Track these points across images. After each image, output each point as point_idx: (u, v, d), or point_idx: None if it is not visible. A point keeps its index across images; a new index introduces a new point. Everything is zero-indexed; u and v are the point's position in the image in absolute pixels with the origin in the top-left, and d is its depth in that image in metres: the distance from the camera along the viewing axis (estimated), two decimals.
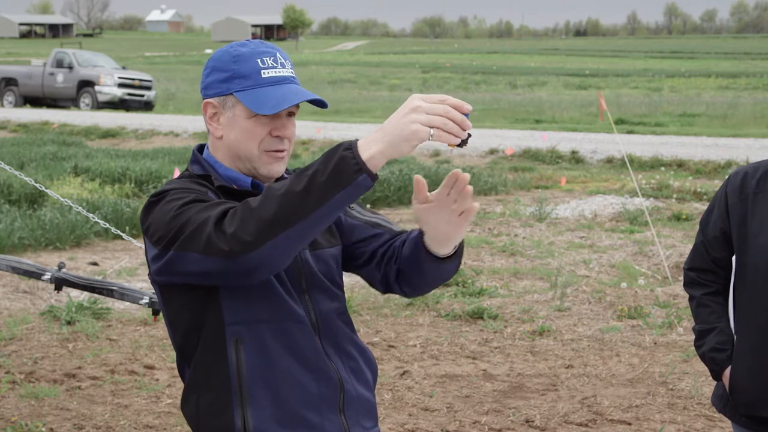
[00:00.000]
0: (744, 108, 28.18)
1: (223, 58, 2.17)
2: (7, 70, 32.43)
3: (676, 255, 8.96)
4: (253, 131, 2.14)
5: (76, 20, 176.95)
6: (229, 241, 1.87)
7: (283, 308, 2.11)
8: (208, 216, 1.92)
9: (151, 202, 2.07)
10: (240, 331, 2.08)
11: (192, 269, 1.95)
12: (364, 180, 1.83)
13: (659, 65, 67.93)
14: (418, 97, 1.86)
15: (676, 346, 6.55)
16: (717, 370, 3.06)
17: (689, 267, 3.18)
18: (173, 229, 1.97)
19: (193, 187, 2.10)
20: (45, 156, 15.46)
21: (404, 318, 7.26)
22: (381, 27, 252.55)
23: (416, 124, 1.83)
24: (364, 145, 1.85)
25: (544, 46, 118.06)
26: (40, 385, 5.74)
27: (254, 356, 2.09)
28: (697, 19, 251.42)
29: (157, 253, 2.01)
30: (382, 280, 2.31)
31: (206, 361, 2.11)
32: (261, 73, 2.13)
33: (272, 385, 2.10)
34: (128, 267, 8.74)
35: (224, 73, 2.15)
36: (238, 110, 2.14)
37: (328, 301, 2.21)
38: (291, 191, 1.85)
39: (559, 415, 5.31)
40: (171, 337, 2.20)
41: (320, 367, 2.14)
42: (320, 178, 1.84)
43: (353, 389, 2.20)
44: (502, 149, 17.18)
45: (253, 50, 2.16)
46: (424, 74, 57.16)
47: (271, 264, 1.92)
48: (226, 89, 2.14)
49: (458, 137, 1.85)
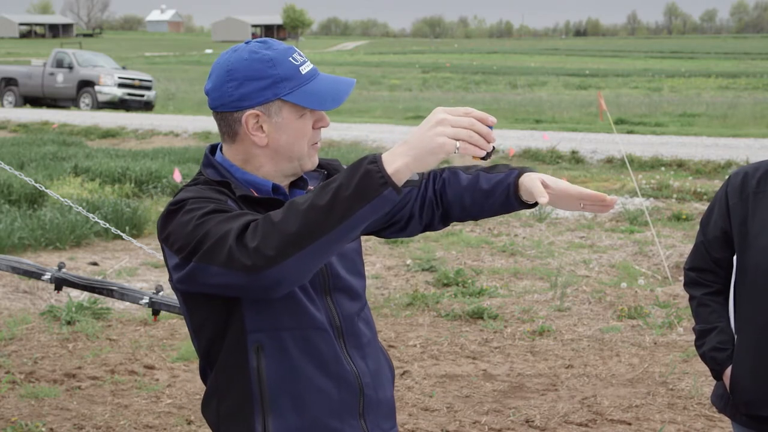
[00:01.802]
0: (744, 108, 28.17)
1: (255, 66, 2.08)
2: (7, 70, 32.40)
3: (676, 255, 8.96)
4: (304, 129, 2.13)
5: (76, 20, 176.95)
6: (252, 256, 1.84)
7: (304, 315, 2.09)
8: (229, 229, 1.89)
9: (170, 210, 2.03)
10: (261, 338, 2.07)
11: (214, 282, 1.92)
12: (389, 194, 1.80)
13: (659, 65, 67.93)
14: (443, 110, 1.85)
15: (676, 346, 6.55)
16: (718, 370, 3.06)
17: (689, 267, 3.18)
18: (193, 240, 1.93)
19: (213, 196, 2.05)
20: (45, 156, 15.46)
21: (404, 318, 7.26)
22: (381, 27, 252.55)
23: (442, 137, 1.81)
24: (389, 158, 1.82)
25: (544, 46, 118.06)
26: (40, 385, 5.74)
27: (275, 363, 2.08)
28: (697, 19, 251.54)
29: (178, 262, 1.98)
30: (423, 228, 2.40)
31: (228, 367, 2.11)
32: (300, 71, 2.11)
33: (293, 392, 2.09)
34: (128, 267, 8.74)
35: (264, 80, 2.08)
36: (286, 113, 2.10)
37: (351, 302, 2.21)
38: (315, 205, 1.82)
39: (559, 415, 5.31)
40: (194, 344, 2.19)
41: (341, 373, 2.13)
42: (345, 192, 1.80)
43: (373, 393, 2.20)
44: (502, 149, 17.18)
45: (279, 50, 2.12)
46: (424, 74, 57.16)
47: (294, 279, 1.89)
48: (273, 95, 2.09)
49: (483, 149, 1.86)
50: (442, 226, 2.42)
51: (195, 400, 5.52)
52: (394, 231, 2.41)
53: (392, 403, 2.30)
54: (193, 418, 5.27)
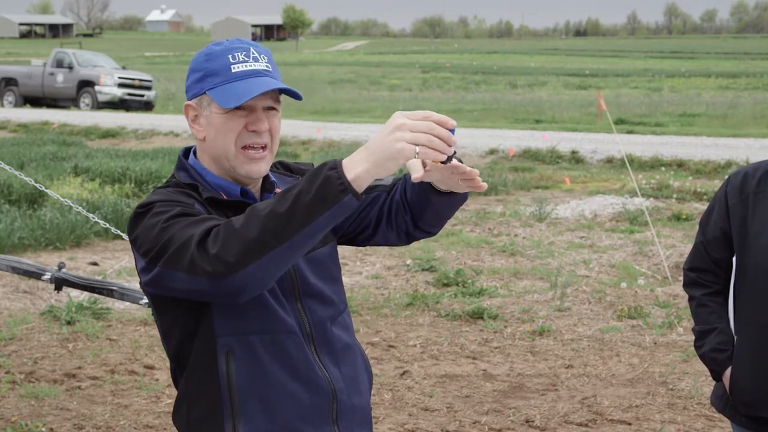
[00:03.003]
0: (744, 108, 28.18)
1: (198, 59, 2.14)
2: (7, 70, 32.41)
3: (676, 255, 8.96)
4: (229, 126, 2.10)
5: (76, 20, 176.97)
6: (212, 262, 1.83)
7: (275, 319, 2.08)
8: (192, 234, 1.88)
9: (137, 213, 2.03)
10: (231, 342, 2.06)
11: (179, 287, 1.92)
12: (349, 200, 1.80)
13: (659, 65, 67.92)
14: (402, 115, 1.82)
15: (676, 346, 6.55)
16: (717, 371, 3.06)
17: (689, 267, 3.17)
18: (158, 244, 1.93)
19: (180, 199, 2.05)
20: (45, 156, 15.46)
21: (404, 318, 7.27)
22: (381, 27, 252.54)
23: (401, 143, 1.78)
24: (349, 164, 1.81)
25: (544, 46, 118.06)
26: (40, 385, 5.74)
27: (245, 368, 2.06)
28: (697, 19, 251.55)
29: (145, 265, 1.98)
30: (399, 234, 2.29)
31: (197, 372, 2.09)
32: (231, 68, 2.10)
33: (264, 398, 2.08)
34: (128, 267, 8.74)
35: (198, 72, 2.12)
36: (213, 108, 2.11)
37: (322, 307, 2.18)
38: (275, 212, 1.81)
39: (559, 415, 5.31)
40: (165, 347, 2.18)
41: (312, 378, 2.11)
42: (305, 198, 1.80)
43: (347, 399, 2.17)
44: (502, 149, 17.18)
45: (226, 47, 2.13)
46: (424, 74, 57.15)
47: (256, 285, 1.88)
48: (200, 89, 2.12)
49: (444, 153, 1.82)
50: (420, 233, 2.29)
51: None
52: (364, 238, 2.35)
53: (368, 409, 2.27)
54: None
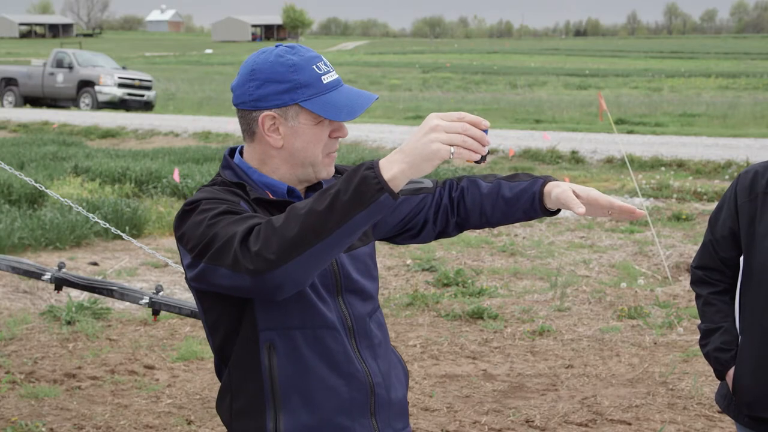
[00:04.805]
0: (744, 108, 28.18)
1: (277, 69, 2.14)
2: (7, 70, 32.39)
3: (676, 255, 8.96)
4: (319, 137, 2.17)
5: (76, 20, 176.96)
6: (253, 260, 1.88)
7: (315, 315, 2.13)
8: (235, 232, 1.93)
9: (185, 210, 2.08)
10: (273, 336, 2.12)
11: (223, 283, 1.97)
12: (386, 199, 1.84)
13: (659, 65, 67.94)
14: (436, 116, 1.87)
15: (676, 346, 6.55)
16: (721, 370, 3.05)
17: (696, 265, 3.17)
18: (203, 241, 1.98)
19: (226, 197, 2.10)
20: (45, 156, 15.47)
21: (404, 318, 7.27)
22: (381, 27, 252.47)
23: (437, 143, 1.84)
24: (385, 164, 1.86)
25: (544, 46, 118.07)
26: (40, 385, 5.74)
27: (287, 361, 2.12)
28: (697, 19, 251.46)
29: (191, 261, 2.03)
30: (437, 235, 2.47)
31: (241, 364, 2.15)
32: (322, 80, 2.15)
33: (305, 391, 2.13)
34: (128, 267, 8.74)
35: (283, 84, 2.13)
36: (302, 119, 2.15)
37: (362, 303, 2.24)
38: (313, 210, 1.86)
39: (559, 415, 5.31)
40: (209, 341, 2.23)
41: (352, 372, 2.17)
42: (342, 198, 1.84)
43: (385, 393, 2.23)
44: (502, 149, 17.18)
45: (304, 57, 2.16)
46: (424, 74, 57.18)
47: (295, 282, 1.92)
48: (290, 99, 2.13)
49: (478, 153, 1.87)
50: (456, 232, 2.47)
51: (195, 400, 5.52)
52: (407, 237, 2.47)
53: (405, 403, 2.33)
54: (193, 418, 5.26)
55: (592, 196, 2.24)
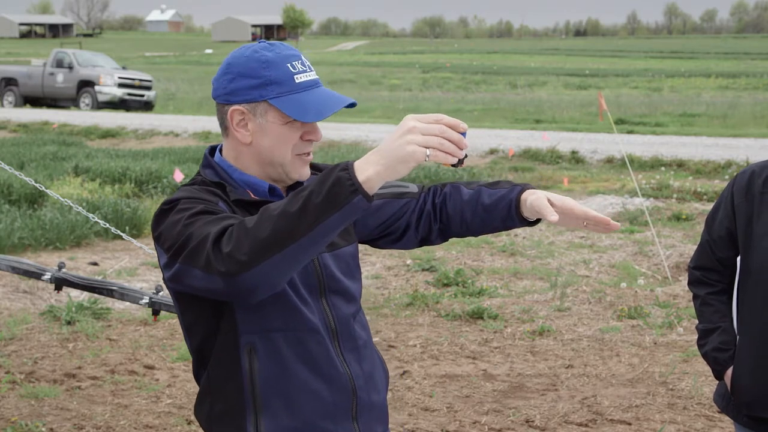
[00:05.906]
0: (744, 108, 28.18)
1: (250, 65, 2.11)
2: (7, 70, 32.39)
3: (676, 255, 8.96)
4: (287, 137, 2.12)
5: (76, 20, 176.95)
6: (225, 261, 1.85)
7: (297, 317, 2.10)
8: (208, 233, 1.90)
9: (162, 210, 2.05)
10: (253, 339, 2.08)
11: (197, 285, 1.94)
12: (359, 201, 1.80)
13: (659, 65, 67.92)
14: (413, 118, 1.83)
15: (676, 346, 6.55)
16: (719, 370, 3.05)
17: (694, 265, 3.17)
18: (179, 241, 1.95)
19: (204, 197, 2.07)
20: (45, 156, 15.46)
21: (404, 318, 7.27)
22: (381, 27, 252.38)
23: (412, 146, 1.80)
24: (360, 166, 1.82)
25: (544, 46, 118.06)
26: (40, 385, 5.74)
27: (267, 364, 2.09)
28: (697, 19, 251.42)
29: (167, 261, 2.00)
30: (419, 241, 2.43)
31: (220, 367, 2.12)
32: (294, 79, 2.11)
33: (286, 394, 2.10)
34: (128, 267, 8.74)
35: (254, 79, 2.10)
36: (271, 117, 2.11)
37: (346, 304, 2.21)
38: (286, 212, 1.83)
39: (559, 415, 5.31)
40: (187, 343, 2.19)
41: (334, 375, 2.14)
42: (315, 199, 1.81)
43: (366, 396, 2.20)
44: (502, 149, 17.18)
45: (280, 54, 2.12)
46: (424, 74, 57.16)
47: (269, 284, 1.89)
48: (259, 96, 2.10)
49: (455, 156, 1.84)
50: (440, 240, 2.42)
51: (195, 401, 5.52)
52: (388, 241, 2.43)
53: (385, 407, 2.30)
54: (193, 418, 5.27)
55: (567, 205, 2.20)
